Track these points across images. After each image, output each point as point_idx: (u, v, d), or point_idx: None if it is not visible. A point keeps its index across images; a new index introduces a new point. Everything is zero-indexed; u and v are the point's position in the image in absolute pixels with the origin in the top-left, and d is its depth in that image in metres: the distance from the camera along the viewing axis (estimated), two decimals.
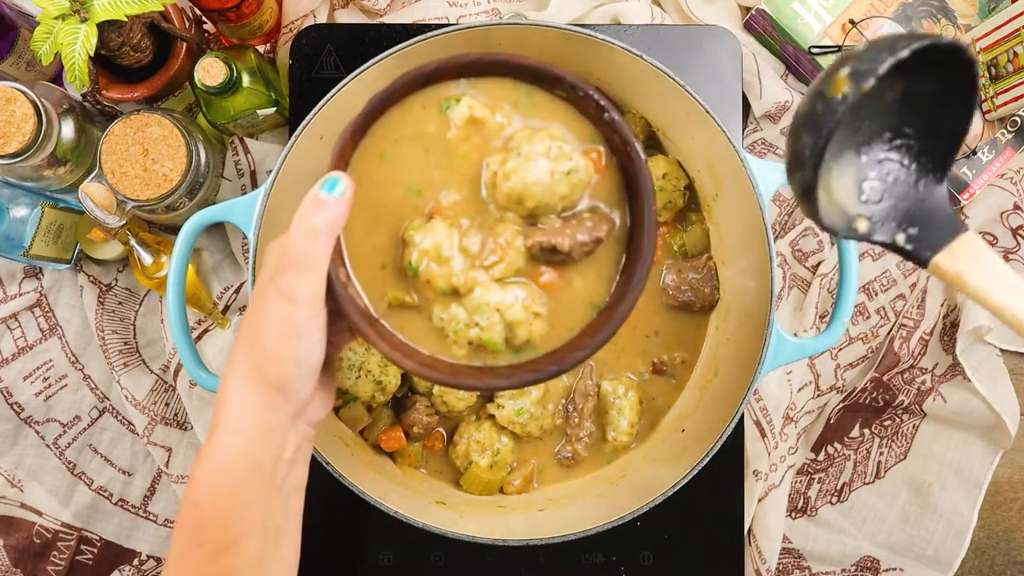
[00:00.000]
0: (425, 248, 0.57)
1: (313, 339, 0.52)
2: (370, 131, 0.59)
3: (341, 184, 0.52)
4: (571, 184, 0.58)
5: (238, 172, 0.90)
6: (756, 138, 0.93)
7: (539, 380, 0.58)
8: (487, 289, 0.58)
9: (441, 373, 0.57)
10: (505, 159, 0.59)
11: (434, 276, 0.58)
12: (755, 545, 0.88)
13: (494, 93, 0.61)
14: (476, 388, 0.58)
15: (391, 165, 0.60)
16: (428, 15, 0.92)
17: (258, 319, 0.52)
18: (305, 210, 0.51)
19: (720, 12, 0.94)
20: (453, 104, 0.60)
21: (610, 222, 0.61)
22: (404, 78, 0.58)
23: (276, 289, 0.51)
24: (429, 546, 0.85)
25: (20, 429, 0.92)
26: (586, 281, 0.61)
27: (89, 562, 0.91)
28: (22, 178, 0.81)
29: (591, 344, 0.58)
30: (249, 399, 0.52)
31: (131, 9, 0.74)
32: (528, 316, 0.58)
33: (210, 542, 0.51)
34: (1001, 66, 0.86)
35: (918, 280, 0.93)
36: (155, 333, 0.92)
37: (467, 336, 0.58)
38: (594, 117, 0.61)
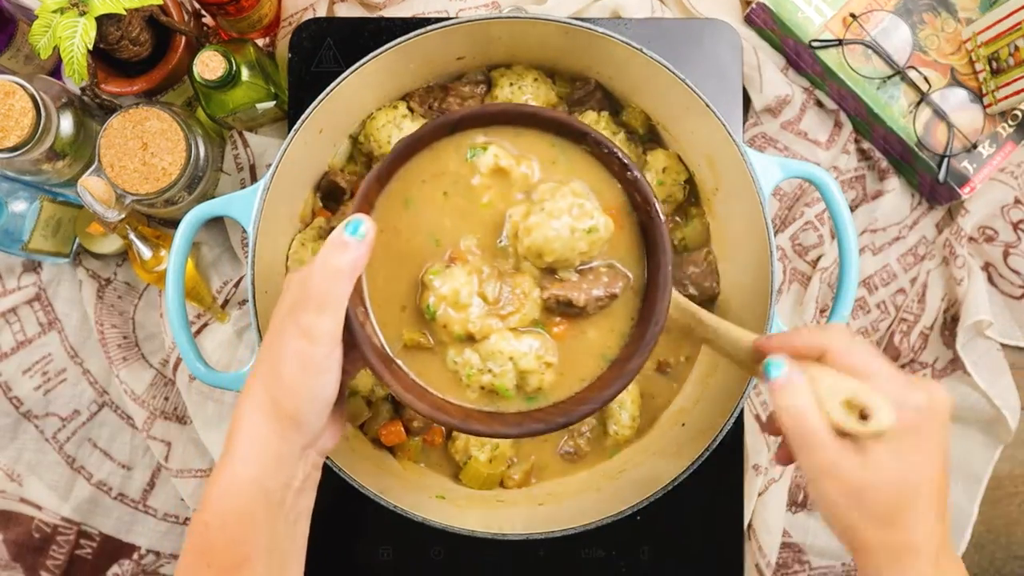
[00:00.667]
0: (443, 293, 0.59)
1: (329, 376, 0.53)
2: (396, 176, 0.61)
3: (364, 226, 0.53)
4: (590, 242, 0.60)
5: (237, 166, 0.90)
6: (756, 132, 0.92)
7: (547, 431, 0.59)
8: (502, 337, 0.59)
9: (452, 417, 0.59)
10: (528, 212, 0.60)
11: (451, 321, 0.59)
12: (755, 539, 0.88)
13: (521, 144, 0.63)
14: (484, 434, 0.59)
15: (415, 211, 0.62)
16: (427, 8, 0.92)
17: (277, 352, 0.53)
18: (328, 250, 0.52)
19: (720, 6, 0.94)
20: (480, 152, 0.62)
21: (626, 279, 0.62)
22: (431, 124, 0.60)
23: (296, 325, 0.52)
24: (429, 540, 0.85)
25: (19, 423, 0.92)
26: (599, 334, 0.62)
27: (88, 556, 0.91)
28: (21, 172, 0.81)
29: (600, 398, 0.59)
30: (263, 428, 0.53)
31: (130, 3, 0.74)
32: (540, 366, 0.60)
33: (217, 562, 0.52)
34: (1002, 60, 0.86)
35: (919, 275, 0.93)
36: (154, 327, 0.92)
37: (480, 381, 0.60)
38: (617, 174, 0.62)
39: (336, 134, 0.81)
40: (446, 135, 0.62)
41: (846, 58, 0.89)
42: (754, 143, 0.92)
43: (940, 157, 0.88)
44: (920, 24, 0.90)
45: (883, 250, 0.93)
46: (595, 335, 0.62)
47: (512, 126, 0.63)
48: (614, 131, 0.81)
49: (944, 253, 0.93)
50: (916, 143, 0.89)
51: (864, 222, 0.92)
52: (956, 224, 0.92)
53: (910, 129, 0.89)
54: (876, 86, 0.89)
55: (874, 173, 0.94)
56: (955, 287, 0.91)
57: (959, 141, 0.89)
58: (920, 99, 0.89)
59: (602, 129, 0.81)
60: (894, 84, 0.89)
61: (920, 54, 0.90)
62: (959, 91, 0.90)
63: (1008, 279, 0.93)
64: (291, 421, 0.53)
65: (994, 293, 0.94)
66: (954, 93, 0.90)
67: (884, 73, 0.89)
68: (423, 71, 0.81)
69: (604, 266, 0.62)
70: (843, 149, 0.93)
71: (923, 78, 0.89)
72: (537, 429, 0.59)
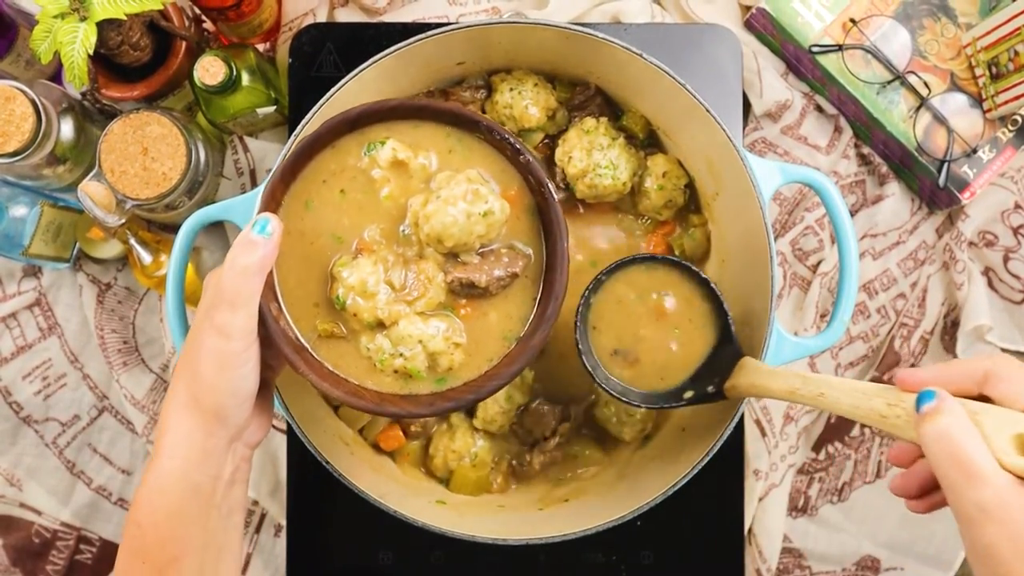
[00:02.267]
0: (351, 283, 0.61)
1: (246, 369, 0.55)
2: (300, 175, 0.64)
3: (270, 225, 0.55)
4: (487, 224, 0.62)
5: (237, 171, 0.90)
6: (756, 137, 0.93)
7: (457, 408, 0.62)
8: (410, 321, 0.62)
9: (367, 401, 0.61)
10: (426, 201, 0.62)
11: (360, 309, 0.62)
12: (755, 544, 0.88)
13: (419, 136, 0.65)
14: (399, 416, 0.62)
15: (316, 212, 0.64)
16: (428, 14, 0.92)
17: (194, 351, 0.55)
18: (237, 250, 0.54)
19: (720, 11, 0.94)
20: (378, 147, 0.64)
21: (526, 258, 0.65)
22: (330, 122, 0.62)
23: (211, 323, 0.54)
24: (429, 545, 0.85)
25: (19, 428, 0.92)
26: (504, 314, 0.65)
27: (88, 561, 0.91)
28: (21, 177, 0.81)
29: (507, 373, 0.62)
30: (186, 424, 0.55)
31: (130, 8, 0.74)
32: (449, 347, 0.63)
33: (151, 560, 0.54)
34: (1002, 65, 0.86)
35: (919, 279, 0.93)
36: (154, 332, 0.92)
37: (392, 365, 0.63)
38: (511, 159, 0.65)
39: None
40: (347, 132, 0.64)
41: (846, 63, 0.89)
42: (754, 148, 0.93)
43: (940, 162, 0.89)
44: (920, 29, 0.90)
45: (883, 255, 0.93)
46: (499, 315, 0.65)
47: (410, 120, 0.65)
48: (614, 136, 0.82)
49: (944, 258, 0.93)
50: (916, 148, 0.89)
51: (864, 227, 0.92)
52: (956, 229, 0.92)
53: (910, 134, 0.89)
54: (876, 91, 0.89)
55: (874, 178, 0.95)
56: (955, 292, 0.91)
57: (959, 146, 0.89)
58: (920, 104, 0.89)
59: (601, 134, 0.81)
60: (894, 89, 0.90)
61: (920, 59, 0.90)
62: (959, 96, 0.90)
63: (1008, 284, 0.93)
64: (214, 416, 0.55)
65: (994, 298, 0.94)
66: (954, 98, 0.90)
67: (884, 78, 0.89)
68: (423, 76, 0.81)
69: (504, 247, 0.65)
70: (843, 154, 0.93)
71: (923, 83, 0.89)
72: (448, 407, 0.62)
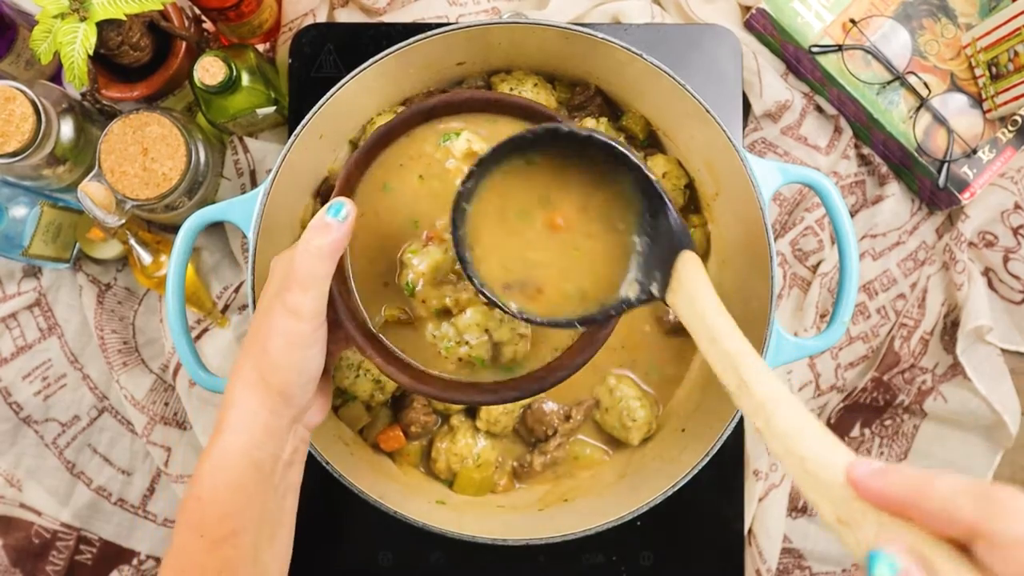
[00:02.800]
0: (421, 270, 0.61)
1: (315, 350, 0.56)
2: (376, 161, 0.64)
3: (345, 209, 0.55)
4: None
5: (237, 171, 0.90)
6: (756, 137, 0.93)
7: (521, 397, 0.62)
8: (477, 310, 0.62)
9: (431, 387, 0.61)
10: None
11: (428, 296, 0.62)
12: (755, 545, 0.88)
13: (496, 130, 0.65)
14: (463, 402, 0.62)
15: (393, 195, 0.64)
16: (428, 14, 0.92)
17: (264, 330, 0.56)
18: (311, 232, 0.54)
19: (720, 11, 0.94)
20: (453, 137, 0.64)
21: None
22: (407, 112, 0.63)
23: (282, 304, 0.54)
24: (429, 546, 0.85)
25: (19, 429, 0.91)
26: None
27: (88, 562, 0.91)
28: (21, 177, 0.81)
29: (572, 364, 0.62)
30: (252, 402, 0.56)
31: (130, 8, 0.74)
32: (514, 336, 0.63)
33: (209, 533, 0.54)
34: (1002, 65, 0.86)
35: (919, 280, 0.93)
36: (154, 332, 0.92)
37: (457, 353, 0.62)
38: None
39: (336, 139, 0.81)
40: (422, 122, 0.65)
41: (846, 63, 0.89)
42: (754, 148, 0.93)
43: (940, 162, 0.89)
44: (920, 29, 0.90)
45: (883, 255, 0.93)
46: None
47: (485, 113, 0.65)
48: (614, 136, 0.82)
49: (944, 258, 0.93)
50: (916, 148, 0.89)
51: (864, 227, 0.92)
52: (956, 229, 0.92)
53: (910, 134, 0.89)
54: (876, 91, 0.89)
55: (874, 178, 0.95)
56: (955, 292, 0.91)
57: (959, 146, 0.89)
58: (920, 104, 0.89)
59: None
60: (894, 89, 0.90)
61: (920, 59, 0.90)
62: (959, 96, 0.90)
63: (1008, 284, 0.93)
64: (279, 395, 0.55)
65: (994, 298, 0.94)
66: (954, 98, 0.90)
67: (884, 78, 0.89)
68: (423, 76, 0.81)
69: None
70: (843, 154, 0.93)
71: (923, 83, 0.89)
72: (512, 396, 0.61)
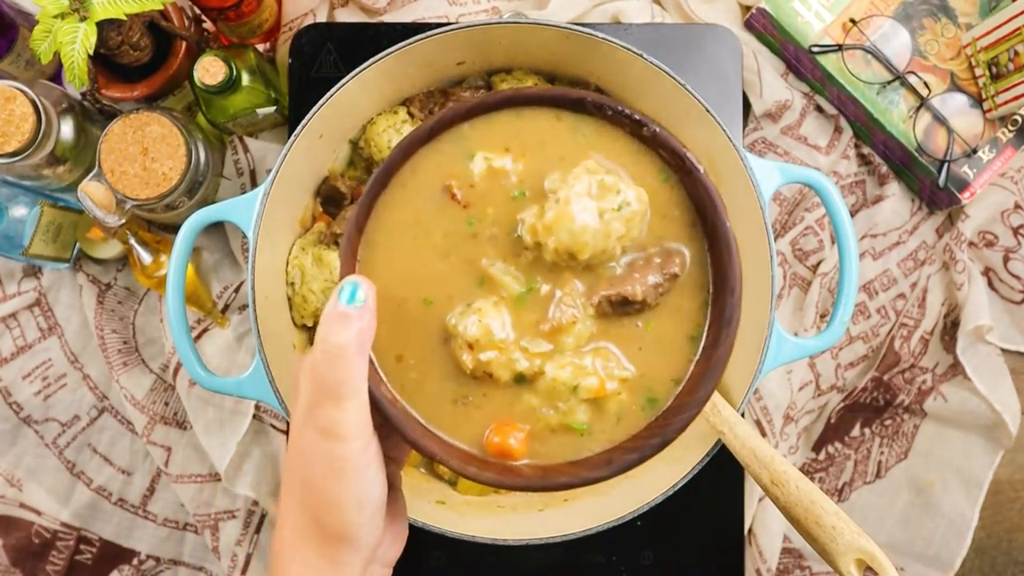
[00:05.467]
0: (473, 336, 0.51)
1: (370, 473, 0.45)
2: (374, 215, 0.54)
3: (362, 289, 0.45)
4: (626, 220, 0.51)
5: (238, 171, 0.90)
6: (756, 137, 0.93)
7: (643, 459, 0.51)
8: (559, 366, 0.51)
9: (526, 478, 0.51)
10: (542, 209, 0.51)
11: (493, 366, 0.51)
12: (755, 545, 0.88)
13: (519, 131, 0.55)
14: (571, 485, 0.51)
15: (406, 253, 0.53)
16: (428, 14, 0.92)
17: (302, 462, 0.46)
18: (328, 328, 0.45)
19: (720, 11, 0.94)
20: (467, 161, 0.54)
21: (680, 254, 0.54)
22: (402, 145, 0.53)
23: (315, 426, 0.45)
24: (429, 546, 0.85)
25: (19, 429, 0.92)
26: (671, 327, 0.54)
27: (88, 562, 0.91)
28: (21, 177, 0.81)
29: (696, 401, 0.51)
30: (310, 558, 0.45)
31: (130, 8, 0.74)
32: (615, 385, 0.52)
33: None
34: (1002, 65, 0.86)
35: (919, 279, 0.93)
36: (154, 332, 0.92)
37: (548, 424, 0.52)
38: (634, 135, 0.55)
39: (336, 139, 0.81)
40: (421, 146, 0.54)
41: (846, 63, 0.89)
42: (754, 148, 0.93)
43: (940, 162, 0.89)
44: (920, 29, 0.90)
45: (883, 255, 0.93)
46: (667, 329, 0.54)
47: (493, 113, 0.55)
48: None
49: (944, 258, 0.93)
50: (916, 148, 0.89)
51: (864, 227, 0.92)
52: (956, 229, 0.92)
53: (910, 134, 0.89)
54: (876, 91, 0.89)
55: (874, 178, 0.94)
56: (955, 292, 0.91)
57: (959, 146, 0.89)
58: (920, 104, 0.89)
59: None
60: (894, 89, 0.90)
61: (920, 59, 0.90)
62: (959, 96, 0.90)
63: (1008, 284, 0.93)
64: (340, 539, 0.45)
65: (994, 298, 0.94)
66: (954, 98, 0.90)
67: (884, 78, 0.89)
68: (423, 76, 0.81)
69: (653, 246, 0.54)
70: (843, 154, 0.93)
71: (923, 83, 0.89)
72: (631, 460, 0.50)
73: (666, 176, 0.55)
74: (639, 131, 0.54)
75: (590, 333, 0.53)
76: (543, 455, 0.52)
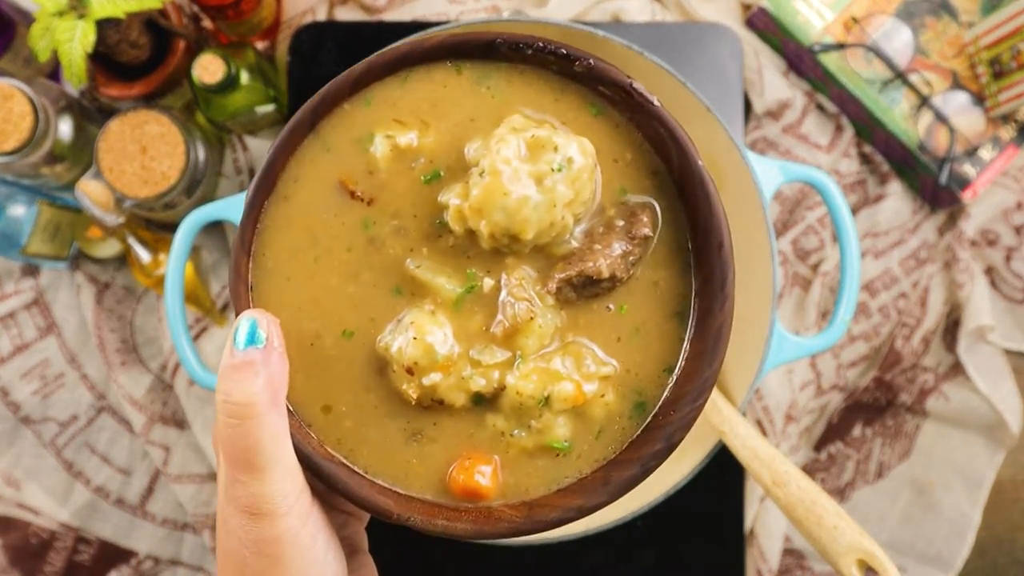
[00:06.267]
0: (411, 358, 0.41)
1: (317, 549, 0.38)
2: (263, 236, 0.44)
3: (262, 326, 0.37)
4: (572, 180, 0.41)
5: (236, 169, 0.89)
6: (757, 135, 0.92)
7: (647, 472, 0.42)
8: (523, 377, 0.42)
9: (510, 522, 0.42)
10: (467, 188, 0.42)
11: (442, 391, 0.42)
12: (757, 545, 0.88)
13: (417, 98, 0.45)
14: (564, 521, 0.42)
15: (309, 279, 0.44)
16: (427, 12, 0.92)
17: (234, 553, 0.37)
18: (227, 383, 0.36)
19: (721, 9, 0.94)
20: (368, 143, 0.45)
21: (648, 210, 0.44)
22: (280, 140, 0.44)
23: (236, 507, 0.36)
24: (427, 546, 0.84)
25: (17, 428, 0.91)
26: (652, 302, 0.44)
27: (86, 562, 0.91)
28: (19, 175, 0.80)
29: (696, 389, 0.42)
30: None
31: (129, 6, 0.74)
32: (596, 387, 0.43)
33: None
34: (1004, 63, 0.85)
35: (920, 279, 0.93)
36: (153, 332, 0.92)
37: (523, 448, 0.43)
38: (565, 73, 0.45)
39: None
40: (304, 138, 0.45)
41: (847, 61, 0.89)
42: (755, 147, 0.92)
43: (942, 161, 0.88)
44: (921, 27, 0.90)
45: (884, 254, 0.93)
46: (646, 305, 0.44)
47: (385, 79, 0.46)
48: None
49: (946, 257, 0.92)
50: (917, 147, 0.89)
51: (865, 226, 0.92)
52: (958, 228, 0.91)
53: (911, 133, 0.89)
54: (877, 89, 0.89)
55: (875, 177, 0.94)
56: (957, 291, 0.91)
57: (961, 145, 0.89)
58: (922, 103, 0.89)
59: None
60: (895, 88, 0.89)
61: (921, 57, 0.90)
62: (961, 94, 0.89)
63: (1010, 283, 0.93)
64: None
65: (996, 297, 0.94)
66: (956, 96, 0.89)
67: (885, 77, 0.89)
68: None
69: (612, 207, 0.44)
70: (844, 153, 0.93)
71: (924, 82, 0.89)
72: (631, 476, 0.42)
73: (598, 110, 0.45)
74: (569, 68, 0.44)
75: (554, 328, 0.43)
76: (521, 488, 0.43)
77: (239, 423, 0.36)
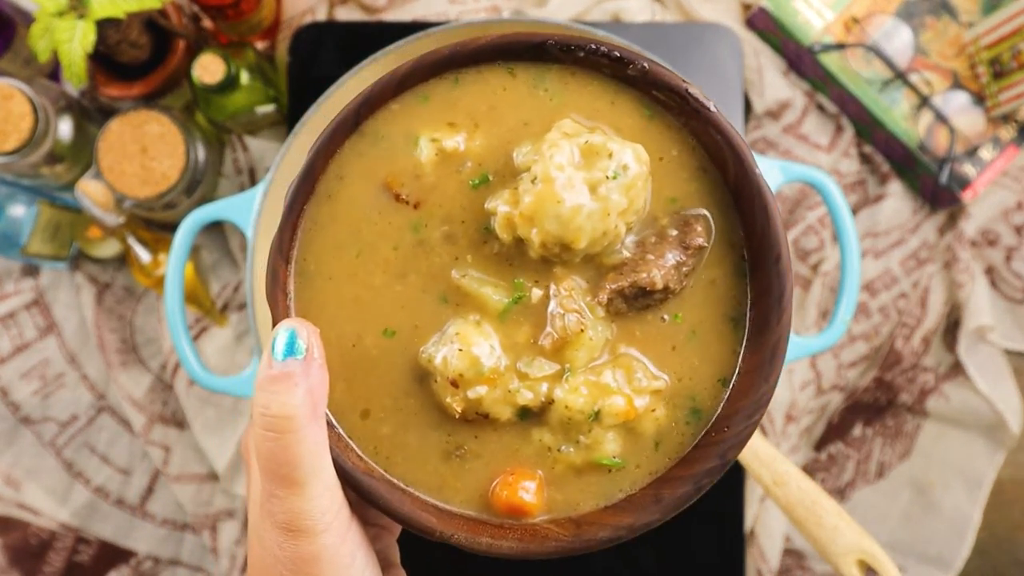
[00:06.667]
0: (456, 369, 0.41)
1: (355, 568, 0.37)
2: (301, 239, 0.44)
3: (302, 336, 0.36)
4: (626, 188, 0.40)
5: (236, 169, 0.89)
6: (757, 135, 0.92)
7: (700, 490, 0.42)
8: (572, 390, 0.41)
9: (558, 541, 0.41)
10: (516, 194, 0.41)
11: (488, 404, 0.41)
12: (757, 545, 0.88)
13: (470, 101, 0.44)
14: (615, 540, 0.41)
15: (351, 278, 0.43)
16: (427, 12, 0.92)
17: (269, 570, 0.37)
18: (266, 395, 0.35)
19: (721, 9, 0.94)
20: (413, 147, 0.44)
21: (702, 220, 0.43)
22: (321, 139, 0.43)
23: (274, 522, 0.36)
24: (427, 546, 0.84)
25: (17, 428, 0.91)
26: (706, 311, 0.43)
27: (86, 562, 0.91)
28: (19, 175, 0.80)
29: (751, 406, 0.41)
30: None
31: (129, 6, 0.74)
32: (647, 401, 0.42)
33: None
34: (1004, 63, 0.85)
35: (920, 279, 0.93)
36: (153, 332, 0.92)
37: (571, 465, 0.42)
38: (619, 77, 0.44)
39: None
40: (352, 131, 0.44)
41: (847, 61, 0.89)
42: (755, 147, 0.92)
43: (942, 161, 0.88)
44: (922, 27, 0.90)
45: (885, 254, 0.93)
46: (700, 314, 0.43)
47: (427, 83, 0.44)
48: None
49: (946, 257, 0.92)
50: (918, 147, 0.89)
51: (865, 226, 0.92)
52: (958, 228, 0.91)
53: (912, 133, 0.89)
54: (877, 89, 0.89)
55: (875, 177, 0.94)
56: (957, 291, 0.91)
57: (961, 145, 0.89)
58: (922, 102, 0.89)
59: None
60: (896, 87, 0.89)
61: (922, 57, 0.90)
62: (961, 94, 0.89)
63: (1010, 283, 0.93)
64: None
65: (996, 297, 0.94)
66: (956, 96, 0.89)
67: (885, 76, 0.89)
68: None
69: (664, 217, 0.43)
70: (844, 153, 0.93)
71: (925, 81, 0.89)
72: (684, 494, 0.41)
73: (652, 113, 0.44)
74: (623, 71, 0.43)
75: (604, 340, 0.42)
76: (569, 505, 0.42)
77: (278, 436, 0.35)
